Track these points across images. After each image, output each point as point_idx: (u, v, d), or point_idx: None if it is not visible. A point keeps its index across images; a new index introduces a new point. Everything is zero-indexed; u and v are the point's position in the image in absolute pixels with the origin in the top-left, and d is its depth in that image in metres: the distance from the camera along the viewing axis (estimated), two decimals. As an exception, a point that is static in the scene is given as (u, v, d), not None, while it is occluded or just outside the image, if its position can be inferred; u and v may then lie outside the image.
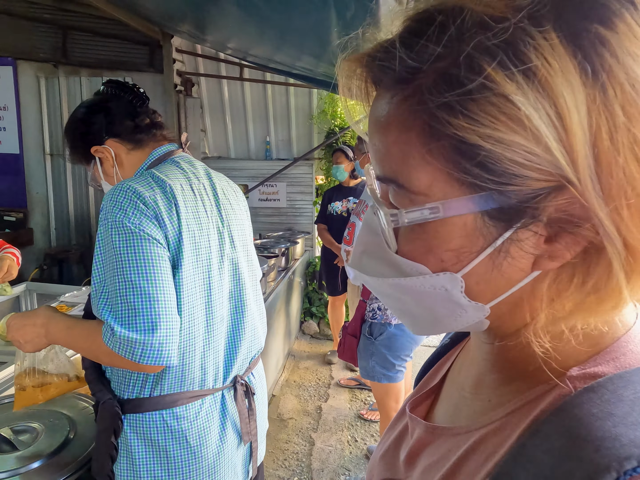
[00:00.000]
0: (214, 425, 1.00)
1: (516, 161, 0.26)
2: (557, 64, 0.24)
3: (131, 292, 0.84)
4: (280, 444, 2.53)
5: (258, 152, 4.47)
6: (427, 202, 0.30)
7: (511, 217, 0.28)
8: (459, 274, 0.30)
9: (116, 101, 1.06)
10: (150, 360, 0.84)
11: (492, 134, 0.26)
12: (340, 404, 2.94)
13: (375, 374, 1.92)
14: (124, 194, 0.89)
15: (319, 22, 1.75)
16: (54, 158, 4.16)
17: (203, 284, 0.97)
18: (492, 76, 0.25)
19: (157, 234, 0.88)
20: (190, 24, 2.63)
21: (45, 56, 3.96)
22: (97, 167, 1.08)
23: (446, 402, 0.44)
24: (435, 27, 0.27)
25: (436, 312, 0.33)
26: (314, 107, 4.27)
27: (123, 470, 0.95)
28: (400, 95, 0.30)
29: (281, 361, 3.31)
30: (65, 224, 4.24)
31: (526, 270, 0.30)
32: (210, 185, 1.06)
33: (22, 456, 0.96)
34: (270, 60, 2.97)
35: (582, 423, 0.26)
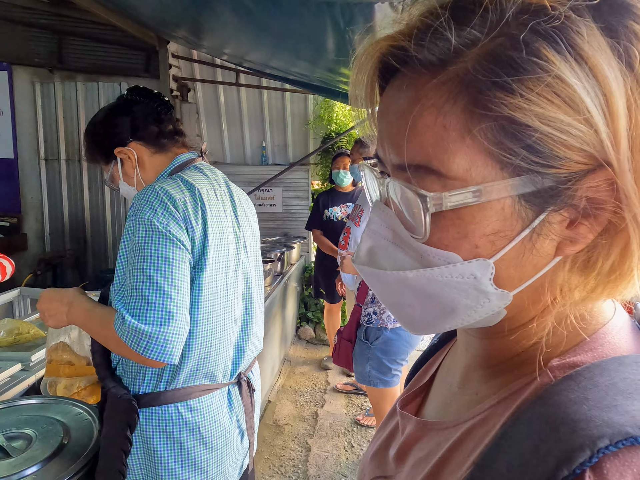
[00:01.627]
0: (223, 418, 1.05)
1: (565, 142, 0.27)
2: (602, 52, 0.26)
3: (147, 286, 0.87)
4: (276, 450, 2.51)
5: (254, 157, 4.48)
6: (466, 185, 0.29)
7: (545, 200, 0.29)
8: (492, 260, 0.30)
9: (141, 106, 1.09)
10: (154, 354, 0.87)
11: (547, 114, 0.26)
12: (336, 409, 2.93)
13: (371, 379, 1.92)
14: (156, 194, 0.92)
15: (314, 28, 1.76)
16: (48, 163, 4.15)
17: (222, 285, 1.01)
18: (550, 58, 0.26)
19: (182, 236, 0.91)
20: (187, 30, 2.64)
21: (40, 61, 3.96)
22: (118, 167, 1.11)
23: (435, 399, 0.45)
24: (479, 12, 0.28)
25: (456, 304, 0.32)
26: (309, 112, 4.29)
27: (138, 463, 0.98)
28: (439, 80, 0.29)
29: (277, 366, 3.30)
30: (59, 229, 4.22)
31: (550, 256, 0.31)
32: (228, 193, 1.11)
33: (15, 463, 0.94)
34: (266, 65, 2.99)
35: (560, 408, 0.27)
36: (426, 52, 0.29)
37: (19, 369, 1.36)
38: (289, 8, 1.61)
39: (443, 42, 0.29)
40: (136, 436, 0.97)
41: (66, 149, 4.12)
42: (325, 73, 2.77)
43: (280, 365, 3.45)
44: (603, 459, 0.24)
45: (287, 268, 3.61)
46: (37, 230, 4.22)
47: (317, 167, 4.44)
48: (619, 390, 0.27)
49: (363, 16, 1.51)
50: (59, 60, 3.96)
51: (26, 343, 1.54)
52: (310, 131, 4.33)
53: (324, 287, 3.53)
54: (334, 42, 1.95)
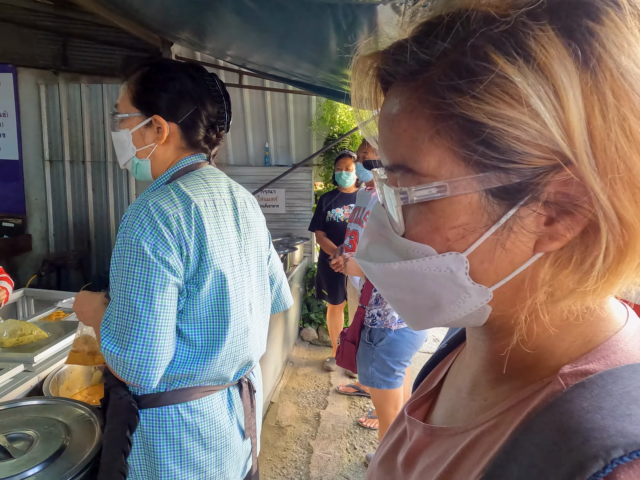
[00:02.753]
0: (223, 419, 1.04)
1: (517, 137, 0.28)
2: (554, 50, 0.27)
3: (127, 311, 0.88)
4: (278, 452, 2.51)
5: (257, 158, 4.48)
6: (434, 181, 0.31)
7: (513, 196, 0.30)
8: (464, 254, 0.32)
9: (213, 107, 1.04)
10: (130, 379, 0.88)
11: (495, 111, 0.28)
12: (339, 411, 2.93)
13: (374, 380, 1.92)
14: (147, 211, 0.89)
15: (318, 30, 1.76)
16: (53, 164, 4.17)
17: (229, 297, 0.99)
18: (495, 60, 0.28)
19: (171, 256, 0.89)
20: (190, 32, 2.65)
21: (45, 63, 3.99)
22: (138, 124, 1.01)
23: (444, 404, 0.44)
24: (443, 25, 0.30)
25: (439, 298, 0.34)
26: (312, 113, 4.29)
27: (138, 463, 0.98)
28: (411, 87, 0.33)
29: (279, 368, 3.30)
30: (63, 230, 4.24)
31: (528, 253, 0.31)
32: (231, 200, 1.07)
33: (17, 464, 0.95)
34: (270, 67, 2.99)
35: (573, 416, 0.27)
36: (394, 65, 0.33)
37: (22, 370, 1.36)
38: (292, 10, 1.61)
39: (412, 55, 0.32)
40: (137, 436, 0.97)
41: (70, 150, 4.14)
42: (328, 74, 2.77)
43: (283, 366, 3.45)
44: (617, 469, 0.23)
45: (290, 269, 3.61)
46: (41, 231, 4.24)
47: (320, 168, 4.44)
48: (633, 399, 0.27)
49: (365, 18, 1.51)
50: (63, 62, 3.99)
51: (29, 344, 1.55)
52: (313, 132, 4.33)
53: (327, 288, 3.52)
54: (337, 44, 1.95)
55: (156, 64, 1.04)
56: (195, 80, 1.02)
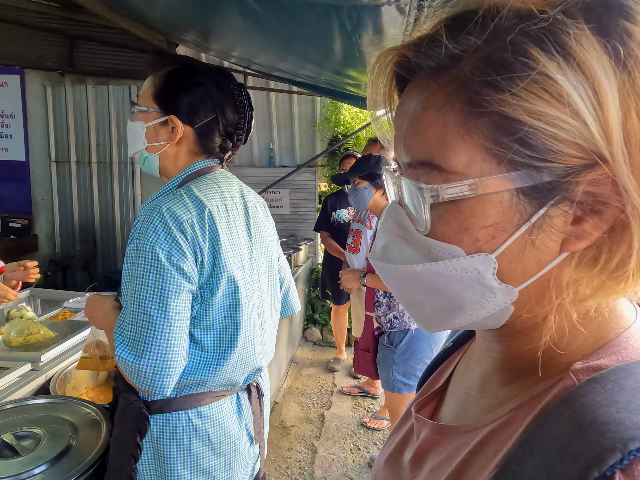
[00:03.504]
0: (232, 423, 1.04)
1: (555, 136, 0.28)
2: (592, 49, 0.27)
3: (141, 318, 0.87)
4: (282, 452, 2.51)
5: (261, 159, 4.49)
6: (465, 179, 0.31)
7: (544, 195, 0.29)
8: (494, 255, 0.31)
9: (231, 116, 1.02)
10: (144, 387, 0.87)
11: (534, 108, 0.28)
12: (343, 411, 2.93)
13: (396, 385, 1.89)
14: (161, 217, 0.88)
15: (322, 31, 1.77)
16: (59, 165, 4.20)
17: (236, 303, 0.98)
18: (536, 57, 0.28)
19: (186, 262, 0.88)
20: (195, 33, 2.66)
21: (52, 65, 4.02)
22: (154, 120, 1.00)
23: (452, 402, 0.44)
24: (475, 21, 0.30)
25: (463, 299, 0.33)
26: (317, 114, 4.30)
27: (148, 468, 0.98)
28: (440, 82, 0.32)
29: (284, 368, 3.30)
30: (69, 231, 4.27)
31: (554, 252, 0.31)
32: (242, 204, 1.06)
33: (25, 462, 0.96)
34: (274, 68, 3.00)
35: (587, 410, 0.27)
36: (424, 59, 0.32)
37: (29, 369, 1.38)
38: (297, 11, 1.62)
39: (440, 49, 0.31)
40: (147, 442, 0.97)
41: (76, 151, 4.17)
42: (332, 75, 2.77)
43: (287, 367, 3.46)
44: (634, 461, 0.24)
45: (294, 270, 3.62)
46: (47, 232, 4.27)
47: (324, 169, 4.44)
48: None
49: (370, 19, 1.51)
50: (69, 64, 4.02)
51: (36, 343, 1.56)
52: (317, 133, 4.34)
53: (331, 288, 3.53)
54: (341, 45, 1.95)
55: (185, 65, 1.02)
56: (221, 87, 1.01)
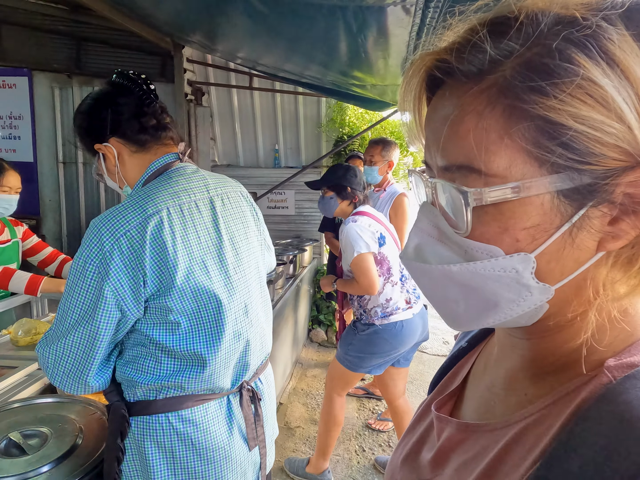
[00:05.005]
0: (220, 428, 1.01)
1: (599, 139, 0.29)
2: (635, 55, 0.28)
3: (60, 323, 0.90)
4: (287, 453, 2.51)
5: (267, 160, 4.50)
6: (506, 182, 0.31)
7: (585, 196, 0.30)
8: (533, 254, 0.32)
9: (124, 97, 1.01)
10: (56, 384, 0.93)
11: (579, 113, 0.29)
12: (348, 412, 2.92)
13: (341, 358, 2.12)
14: (97, 231, 0.87)
15: (327, 31, 1.77)
16: (66, 166, 4.23)
17: (206, 306, 0.95)
18: (582, 63, 0.28)
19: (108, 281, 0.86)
20: (201, 35, 2.67)
21: (59, 67, 4.05)
22: (101, 162, 1.05)
23: (473, 401, 0.44)
24: (517, 28, 0.31)
25: (499, 298, 0.34)
26: (322, 115, 4.30)
27: (134, 470, 0.97)
28: (479, 87, 0.32)
29: (289, 369, 3.30)
30: (76, 231, 4.30)
31: (592, 251, 0.32)
32: (206, 199, 1.01)
33: (31, 460, 0.96)
34: (280, 69, 3.00)
35: (633, 406, 0.28)
36: (466, 64, 0.33)
37: (36, 368, 1.39)
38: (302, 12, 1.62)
39: (481, 54, 0.32)
40: (131, 443, 0.96)
41: (83, 152, 4.19)
42: (338, 76, 2.77)
43: (292, 367, 3.46)
44: None
45: (299, 270, 3.62)
46: (55, 232, 4.31)
47: (330, 169, 4.44)
48: None
49: (375, 19, 1.51)
50: (77, 66, 4.05)
51: (43, 343, 1.57)
52: (322, 134, 4.34)
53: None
54: (347, 46, 1.95)
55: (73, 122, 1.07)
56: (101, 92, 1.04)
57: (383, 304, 2.01)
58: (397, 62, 2.09)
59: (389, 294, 2.01)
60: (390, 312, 2.01)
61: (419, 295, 2.13)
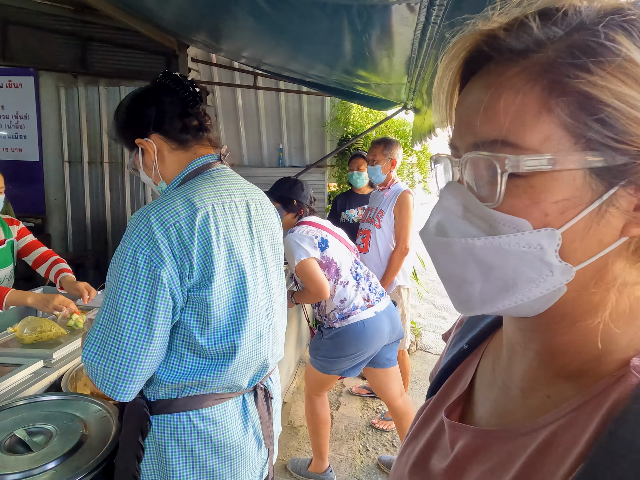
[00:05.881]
0: (237, 427, 1.03)
1: (636, 118, 0.29)
2: None
3: (112, 321, 0.86)
4: (290, 452, 2.51)
5: (271, 159, 4.51)
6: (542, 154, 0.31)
7: (615, 176, 0.31)
8: (560, 230, 0.32)
9: (170, 97, 1.04)
10: (105, 390, 0.88)
11: (619, 90, 0.29)
12: (351, 412, 2.92)
13: (314, 362, 2.16)
14: (146, 222, 0.88)
15: (332, 30, 1.77)
16: (72, 165, 4.26)
17: (240, 306, 0.98)
18: (623, 43, 0.30)
19: (164, 269, 0.86)
20: (206, 34, 2.68)
21: (65, 67, 4.08)
22: (139, 156, 1.07)
23: (487, 405, 0.42)
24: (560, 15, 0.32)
25: (519, 276, 0.33)
26: (326, 114, 4.30)
27: (152, 469, 0.98)
28: (521, 66, 0.33)
29: (292, 368, 3.30)
30: (81, 230, 4.33)
31: (616, 235, 0.32)
32: (244, 202, 1.05)
33: (36, 457, 0.97)
34: (284, 68, 3.01)
35: None
36: (514, 40, 0.33)
37: (41, 365, 1.39)
38: (307, 11, 1.62)
39: (529, 33, 0.33)
40: (150, 442, 0.97)
41: (89, 151, 4.22)
42: (342, 75, 2.77)
43: (296, 367, 3.46)
44: None
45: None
46: (60, 231, 4.33)
47: (334, 169, 4.44)
48: None
49: (380, 18, 1.51)
50: (82, 66, 4.08)
51: (48, 341, 1.58)
52: (327, 133, 4.34)
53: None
54: (351, 45, 1.95)
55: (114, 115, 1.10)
56: (146, 90, 1.06)
57: (339, 305, 2.00)
58: (401, 61, 2.09)
59: (341, 294, 1.99)
60: (348, 313, 1.98)
61: (383, 293, 2.10)
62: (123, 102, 1.08)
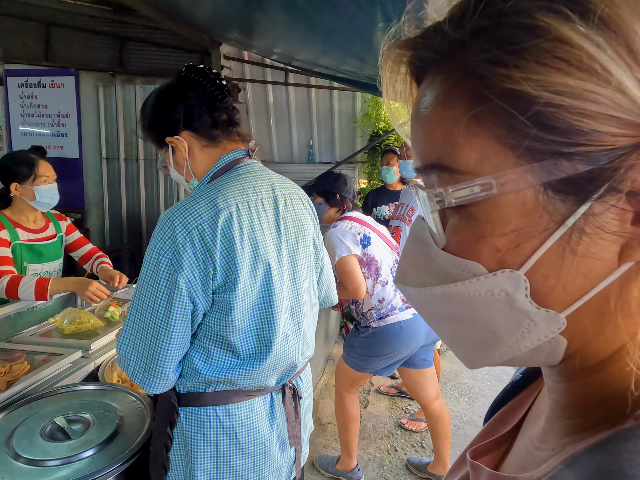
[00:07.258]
0: (262, 425, 1.03)
1: (581, 111, 0.22)
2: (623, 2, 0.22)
3: (137, 317, 0.91)
4: (318, 449, 2.51)
5: (301, 155, 4.51)
6: (477, 178, 0.26)
7: (583, 188, 0.23)
8: (521, 270, 0.25)
9: (197, 91, 1.01)
10: (136, 382, 0.93)
11: (551, 80, 0.23)
12: (380, 411, 2.89)
13: (348, 359, 2.14)
14: (170, 225, 0.89)
15: (365, 23, 1.74)
16: (109, 162, 4.40)
17: (268, 306, 0.97)
18: (542, 20, 0.23)
19: (181, 274, 0.88)
20: (238, 31, 2.70)
21: (103, 66, 4.21)
22: (169, 154, 1.06)
23: (518, 453, 0.38)
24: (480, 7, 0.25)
25: (495, 327, 0.28)
26: (357, 110, 4.26)
27: (179, 459, 1.00)
28: (445, 72, 0.28)
29: (321, 365, 3.30)
30: (118, 225, 4.47)
31: (611, 263, 0.24)
32: (271, 198, 1.03)
33: (74, 445, 1.00)
34: (315, 64, 2.99)
35: None
36: (421, 49, 0.29)
37: (80, 356, 1.44)
38: (340, 4, 1.60)
39: (439, 36, 0.27)
40: (178, 433, 0.99)
41: (125, 148, 4.35)
42: (374, 70, 2.73)
43: (324, 363, 3.46)
44: None
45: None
46: (98, 226, 4.50)
47: (364, 165, 4.40)
48: None
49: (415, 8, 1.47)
50: (120, 65, 4.20)
51: (86, 332, 1.64)
52: (357, 129, 4.30)
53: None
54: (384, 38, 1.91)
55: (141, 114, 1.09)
56: (171, 86, 1.04)
57: (376, 305, 1.96)
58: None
59: (380, 294, 1.95)
60: (386, 313, 1.95)
61: None
62: (148, 100, 1.06)
